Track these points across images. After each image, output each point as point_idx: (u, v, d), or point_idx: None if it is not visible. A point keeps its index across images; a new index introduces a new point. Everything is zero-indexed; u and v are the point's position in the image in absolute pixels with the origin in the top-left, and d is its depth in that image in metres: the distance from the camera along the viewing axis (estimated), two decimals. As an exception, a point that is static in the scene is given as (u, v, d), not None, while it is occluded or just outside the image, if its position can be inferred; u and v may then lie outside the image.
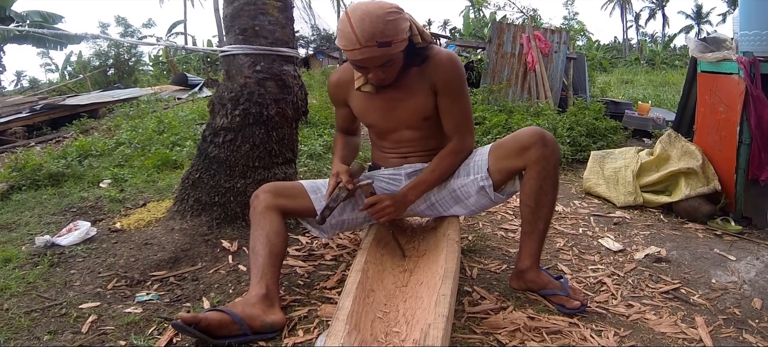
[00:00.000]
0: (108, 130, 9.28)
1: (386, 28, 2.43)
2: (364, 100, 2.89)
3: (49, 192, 4.90)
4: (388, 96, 2.81)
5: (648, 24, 73.17)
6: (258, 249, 2.58)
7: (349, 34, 2.44)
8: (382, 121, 2.91)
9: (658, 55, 38.79)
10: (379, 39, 2.43)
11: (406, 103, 2.82)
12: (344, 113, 3.11)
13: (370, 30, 2.41)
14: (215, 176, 3.56)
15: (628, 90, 17.97)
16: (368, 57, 2.48)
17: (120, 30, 53.49)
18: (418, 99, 2.81)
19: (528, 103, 9.78)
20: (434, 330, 1.90)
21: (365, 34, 2.41)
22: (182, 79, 18.57)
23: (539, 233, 2.78)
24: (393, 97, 2.80)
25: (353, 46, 2.45)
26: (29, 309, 2.64)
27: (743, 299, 3.04)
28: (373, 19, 2.41)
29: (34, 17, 23.80)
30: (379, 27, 2.42)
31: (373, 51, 2.45)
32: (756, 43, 4.31)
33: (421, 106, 2.82)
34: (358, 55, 2.47)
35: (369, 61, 2.51)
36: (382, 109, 2.86)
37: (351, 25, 2.42)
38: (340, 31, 2.50)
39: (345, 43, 2.48)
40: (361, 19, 2.41)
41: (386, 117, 2.88)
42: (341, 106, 3.09)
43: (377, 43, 2.43)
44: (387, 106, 2.84)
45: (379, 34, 2.42)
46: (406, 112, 2.84)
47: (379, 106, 2.85)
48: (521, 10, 35.82)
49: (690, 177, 4.58)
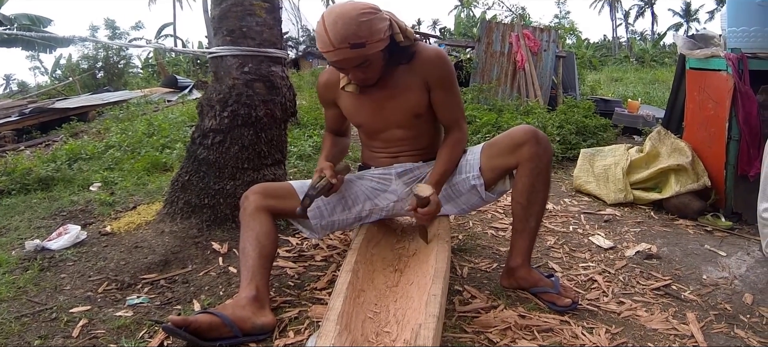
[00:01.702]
0: (98, 133, 9.24)
1: (359, 30, 2.44)
2: (352, 100, 2.88)
3: (38, 196, 4.88)
4: (375, 96, 2.80)
5: (637, 22, 73.28)
6: (248, 251, 2.57)
7: (323, 36, 2.46)
8: (372, 120, 2.90)
9: (647, 52, 38.85)
10: (351, 40, 2.43)
11: (395, 102, 2.81)
12: (333, 114, 3.10)
13: (343, 32, 2.42)
14: (204, 178, 3.55)
15: (618, 88, 18.03)
16: (342, 59, 2.50)
17: (108, 33, 53.39)
18: (408, 96, 2.80)
19: (518, 102, 9.79)
20: (425, 329, 1.90)
21: (338, 36, 2.42)
22: (172, 81, 18.51)
23: (531, 231, 2.80)
24: (381, 96, 2.80)
25: (327, 47, 2.47)
26: (19, 314, 2.62)
27: (734, 294, 3.06)
28: (346, 21, 2.42)
29: (22, 20, 23.69)
30: (352, 29, 2.42)
31: (346, 53, 2.46)
32: (744, 39, 4.33)
33: (413, 104, 2.82)
34: (333, 56, 2.50)
35: (344, 63, 2.53)
36: (370, 108, 2.85)
37: (325, 28, 2.44)
38: (317, 33, 2.53)
39: (321, 46, 2.51)
40: (334, 22, 2.43)
41: (375, 116, 2.87)
42: (330, 107, 3.08)
43: (349, 45, 2.44)
44: (375, 105, 2.83)
45: (352, 36, 2.43)
46: (396, 111, 2.84)
47: (368, 105, 2.85)
48: (510, 8, 35.87)
49: (680, 173, 4.59)
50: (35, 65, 63.92)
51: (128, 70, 25.99)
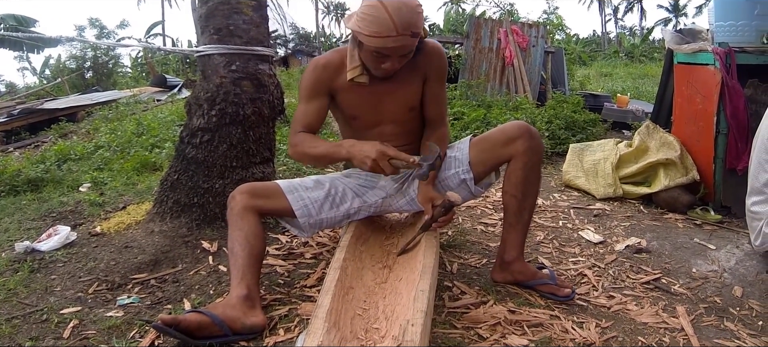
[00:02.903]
0: (87, 133, 9.24)
1: (418, 19, 2.48)
2: (354, 92, 2.81)
3: (28, 198, 4.87)
4: (377, 88, 2.78)
5: (626, 17, 73.31)
6: (237, 251, 2.56)
7: (386, 21, 2.41)
8: (368, 113, 2.87)
9: (637, 47, 38.92)
10: (412, 29, 2.45)
11: (394, 95, 2.82)
12: (319, 107, 2.86)
13: (408, 19, 2.42)
14: (193, 177, 3.55)
15: (608, 83, 18.10)
16: (401, 45, 2.49)
17: (95, 33, 53.21)
18: (407, 89, 2.83)
19: (507, 98, 9.79)
20: (413, 325, 1.90)
21: (403, 21, 2.41)
22: (161, 80, 18.50)
23: (524, 224, 2.84)
24: (382, 89, 2.79)
25: (389, 32, 2.43)
26: (10, 315, 2.61)
27: (724, 287, 3.07)
28: (410, 9, 2.43)
29: (8, 21, 23.64)
30: (414, 17, 2.45)
31: (406, 40, 2.47)
32: (731, 33, 4.35)
33: (411, 96, 2.85)
34: (392, 42, 2.46)
35: (400, 50, 2.52)
36: (370, 101, 2.83)
37: (388, 12, 2.41)
38: (373, 17, 2.45)
39: (379, 30, 2.44)
40: (398, 8, 2.41)
41: (373, 109, 2.85)
42: (320, 97, 2.85)
43: (411, 33, 2.46)
44: (375, 98, 2.82)
45: (414, 25, 2.45)
46: (394, 104, 2.84)
47: (368, 98, 2.82)
48: (498, 4, 35.92)
49: (669, 167, 4.61)
50: (23, 66, 63.55)
51: (117, 70, 25.93)
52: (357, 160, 2.59)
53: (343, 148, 2.68)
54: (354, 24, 2.56)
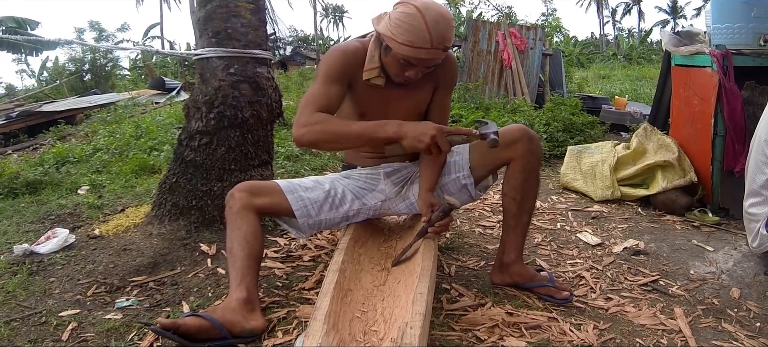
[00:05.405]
0: (85, 136, 9.21)
1: (452, 33, 2.49)
2: (368, 92, 2.78)
3: (26, 200, 4.86)
4: (390, 91, 2.75)
5: (624, 19, 73.45)
6: (236, 251, 2.54)
7: (422, 33, 2.40)
8: (377, 114, 2.76)
9: (635, 49, 38.92)
10: (446, 43, 2.46)
11: (405, 100, 2.81)
12: (340, 92, 2.70)
13: (444, 33, 2.43)
14: (192, 180, 3.55)
15: (606, 85, 18.12)
16: (432, 58, 2.50)
17: (94, 35, 53.19)
18: (418, 96, 2.84)
19: (504, 100, 9.82)
20: (412, 328, 1.91)
21: (439, 35, 2.42)
22: (160, 83, 18.45)
23: (523, 226, 2.84)
24: (394, 93, 2.77)
25: (423, 44, 2.42)
26: (9, 318, 2.61)
27: (721, 289, 3.08)
28: (447, 21, 2.44)
29: (8, 23, 23.61)
30: (449, 32, 2.46)
31: (438, 53, 2.48)
32: (728, 35, 4.37)
33: (420, 102, 2.87)
34: (425, 54, 2.46)
35: (429, 62, 2.52)
36: (380, 102, 2.79)
37: (426, 24, 2.40)
38: (409, 25, 2.42)
39: (413, 40, 2.42)
40: (436, 20, 2.41)
41: (382, 111, 2.77)
42: (343, 83, 2.71)
43: (443, 47, 2.47)
44: (385, 100, 2.79)
45: (448, 39, 2.47)
46: (403, 109, 2.80)
47: (378, 99, 2.79)
48: (496, 7, 35.93)
49: (666, 170, 4.61)
50: (22, 68, 63.55)
51: (115, 73, 25.90)
52: (409, 139, 2.43)
53: (389, 127, 2.50)
54: (385, 28, 2.52)
